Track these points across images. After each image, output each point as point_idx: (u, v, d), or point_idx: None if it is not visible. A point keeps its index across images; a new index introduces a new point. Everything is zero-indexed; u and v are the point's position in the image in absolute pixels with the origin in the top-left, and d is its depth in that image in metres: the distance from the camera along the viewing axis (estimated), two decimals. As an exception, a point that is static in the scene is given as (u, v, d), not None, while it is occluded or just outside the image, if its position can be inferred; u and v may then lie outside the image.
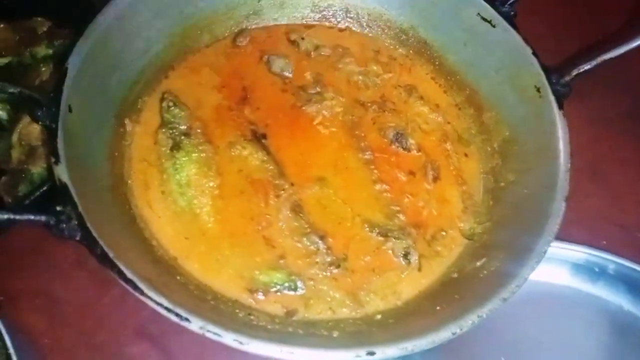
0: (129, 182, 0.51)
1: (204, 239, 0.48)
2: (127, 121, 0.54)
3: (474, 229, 0.52)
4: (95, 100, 0.50)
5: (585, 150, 0.66)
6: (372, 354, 0.36)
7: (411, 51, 0.64)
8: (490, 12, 0.57)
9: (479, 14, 0.57)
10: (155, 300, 0.36)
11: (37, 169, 0.55)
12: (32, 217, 0.37)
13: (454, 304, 0.45)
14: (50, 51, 0.63)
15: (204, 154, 0.53)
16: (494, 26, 0.57)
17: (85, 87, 0.48)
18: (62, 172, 0.39)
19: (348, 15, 0.66)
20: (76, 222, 0.38)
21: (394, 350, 0.37)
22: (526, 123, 0.53)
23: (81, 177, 0.41)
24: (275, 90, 0.61)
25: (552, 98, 0.52)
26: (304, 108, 0.59)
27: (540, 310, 0.57)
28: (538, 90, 0.53)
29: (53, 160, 0.40)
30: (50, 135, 0.41)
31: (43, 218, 0.37)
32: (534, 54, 0.54)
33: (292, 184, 0.53)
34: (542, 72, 0.53)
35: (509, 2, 0.56)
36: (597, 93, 0.72)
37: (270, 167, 0.54)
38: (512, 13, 0.56)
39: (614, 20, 0.78)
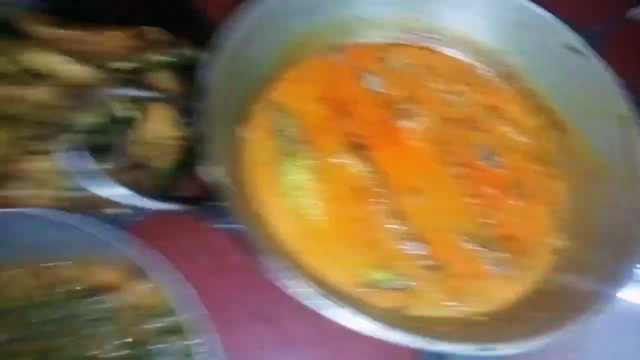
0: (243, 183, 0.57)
1: (317, 238, 0.53)
2: (237, 128, 0.59)
3: (562, 246, 0.56)
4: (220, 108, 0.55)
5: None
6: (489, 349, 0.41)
7: (496, 73, 0.69)
8: (577, 41, 0.62)
9: (567, 44, 0.61)
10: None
11: (158, 164, 0.61)
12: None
13: (544, 316, 0.49)
14: (163, 58, 0.69)
15: (313, 161, 0.58)
16: (580, 54, 0.61)
17: (215, 97, 0.53)
18: (219, 173, 0.45)
19: (436, 36, 0.71)
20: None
21: (504, 347, 0.42)
22: (613, 151, 0.57)
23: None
24: (369, 104, 0.66)
25: (636, 128, 0.55)
26: (397, 122, 0.64)
27: (625, 329, 0.60)
28: (622, 119, 0.57)
29: (208, 162, 0.45)
30: (201, 139, 0.47)
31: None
32: (619, 82, 0.58)
33: (390, 192, 0.58)
34: (625, 102, 0.57)
35: (597, 30, 0.60)
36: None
37: (371, 176, 0.58)
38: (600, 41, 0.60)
39: None
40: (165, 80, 0.67)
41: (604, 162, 0.58)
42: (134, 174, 0.61)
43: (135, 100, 0.63)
